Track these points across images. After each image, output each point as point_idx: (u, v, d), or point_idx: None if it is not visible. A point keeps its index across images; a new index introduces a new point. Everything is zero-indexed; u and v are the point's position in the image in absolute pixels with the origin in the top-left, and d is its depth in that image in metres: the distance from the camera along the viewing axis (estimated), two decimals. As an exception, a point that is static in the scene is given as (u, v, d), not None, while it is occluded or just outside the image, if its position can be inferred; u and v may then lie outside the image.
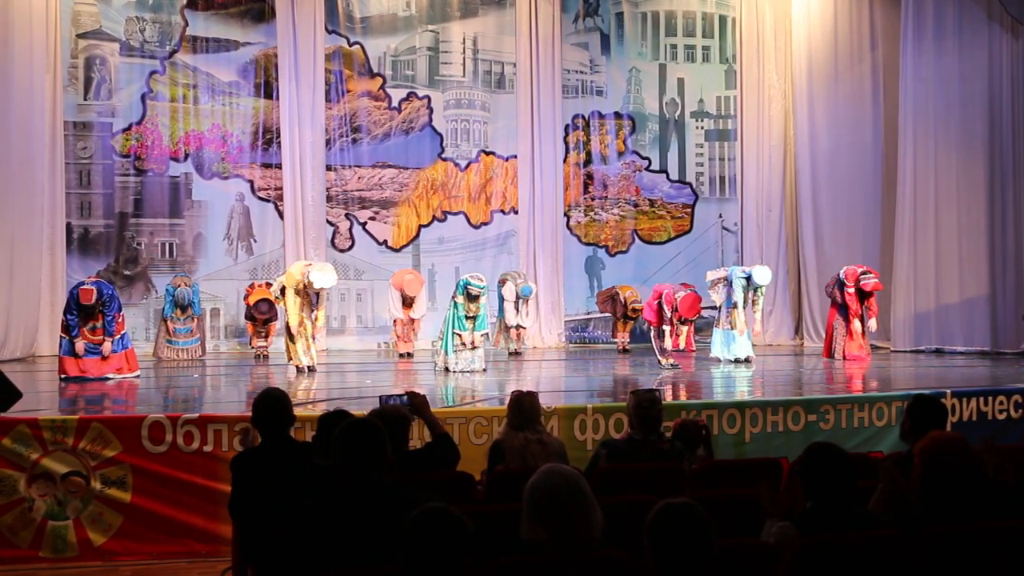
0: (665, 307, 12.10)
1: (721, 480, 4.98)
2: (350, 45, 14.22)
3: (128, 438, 6.69)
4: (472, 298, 10.47)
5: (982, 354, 12.30)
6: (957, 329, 12.55)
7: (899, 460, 4.55)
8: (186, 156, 13.64)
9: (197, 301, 12.33)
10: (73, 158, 13.21)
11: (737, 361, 11.34)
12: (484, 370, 10.53)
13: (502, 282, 12.96)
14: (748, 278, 11.46)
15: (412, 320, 12.57)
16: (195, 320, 12.35)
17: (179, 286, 12.16)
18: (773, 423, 7.63)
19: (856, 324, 11.74)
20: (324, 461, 4.22)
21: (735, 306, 11.36)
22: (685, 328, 12.93)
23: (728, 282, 11.57)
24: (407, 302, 12.37)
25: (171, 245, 13.18)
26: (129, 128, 13.43)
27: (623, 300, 13.24)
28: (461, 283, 10.69)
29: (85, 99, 13.32)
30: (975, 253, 12.62)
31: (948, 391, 8.19)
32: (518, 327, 12.95)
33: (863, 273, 11.79)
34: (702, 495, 3.88)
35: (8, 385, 7.06)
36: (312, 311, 10.53)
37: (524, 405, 5.45)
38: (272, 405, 4.58)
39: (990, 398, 8.31)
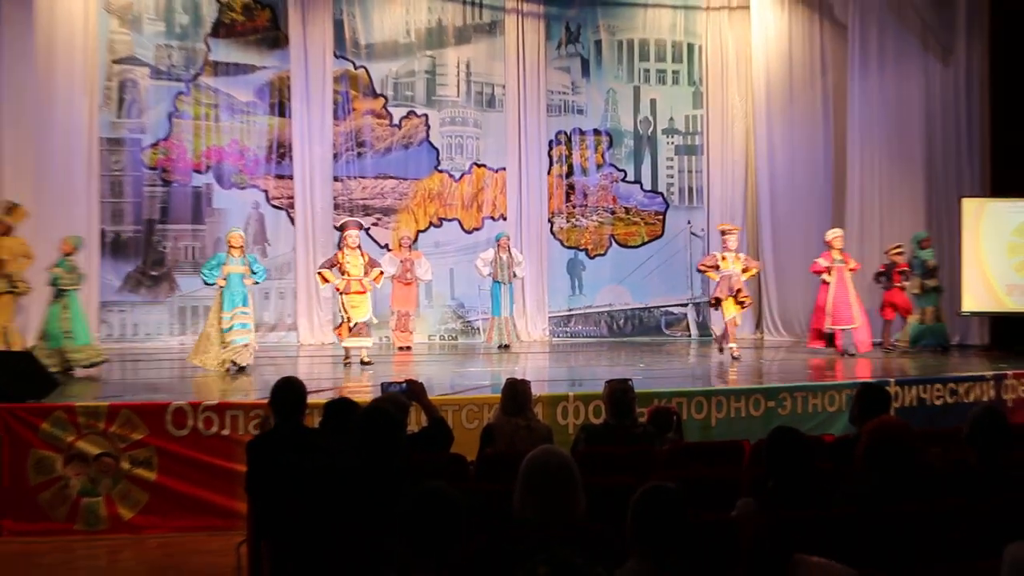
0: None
1: (689, 461, 4.94)
2: (356, 68, 14.14)
3: (154, 422, 6.66)
4: None
5: (921, 348, 12.30)
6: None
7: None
8: (207, 168, 13.54)
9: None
10: (107, 170, 13.10)
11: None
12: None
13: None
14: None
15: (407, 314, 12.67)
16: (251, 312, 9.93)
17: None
18: (736, 409, 7.62)
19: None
20: (332, 445, 4.17)
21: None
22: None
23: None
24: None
25: (193, 248, 13.09)
26: (157, 143, 13.33)
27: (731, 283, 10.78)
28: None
29: (118, 117, 13.21)
30: (915, 257, 12.61)
31: (892, 380, 8.23)
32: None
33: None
34: (672, 475, 3.84)
35: (46, 375, 7.02)
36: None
37: (517, 392, 5.38)
38: (289, 392, 4.51)
39: (928, 386, 8.35)
